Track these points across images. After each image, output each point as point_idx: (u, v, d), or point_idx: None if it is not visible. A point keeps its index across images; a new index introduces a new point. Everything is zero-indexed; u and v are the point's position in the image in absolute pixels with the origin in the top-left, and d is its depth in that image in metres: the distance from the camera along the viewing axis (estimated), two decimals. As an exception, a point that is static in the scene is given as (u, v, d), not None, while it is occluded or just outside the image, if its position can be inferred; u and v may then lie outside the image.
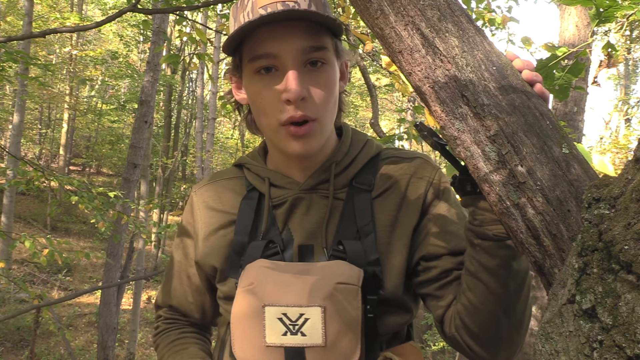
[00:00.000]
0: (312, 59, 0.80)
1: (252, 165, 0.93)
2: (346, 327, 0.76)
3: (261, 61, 0.79)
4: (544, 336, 0.50)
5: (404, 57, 0.64)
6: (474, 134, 0.60)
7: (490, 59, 0.62)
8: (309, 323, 0.75)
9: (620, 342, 0.41)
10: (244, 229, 0.88)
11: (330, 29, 0.82)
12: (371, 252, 0.82)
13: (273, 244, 0.85)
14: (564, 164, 0.58)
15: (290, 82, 0.77)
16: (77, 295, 5.23)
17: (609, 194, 0.48)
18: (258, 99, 0.82)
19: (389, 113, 18.06)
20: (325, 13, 0.79)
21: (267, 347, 0.76)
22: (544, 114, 0.60)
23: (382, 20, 0.64)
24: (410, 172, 0.89)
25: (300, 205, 0.88)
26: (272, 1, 0.77)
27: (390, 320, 0.85)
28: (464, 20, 0.63)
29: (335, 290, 0.76)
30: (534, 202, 0.58)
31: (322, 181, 0.88)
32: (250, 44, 0.80)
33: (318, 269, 0.80)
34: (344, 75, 0.90)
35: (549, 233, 0.57)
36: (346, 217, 0.86)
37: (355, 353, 0.76)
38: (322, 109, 0.81)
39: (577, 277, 0.48)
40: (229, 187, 0.95)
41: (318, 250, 0.85)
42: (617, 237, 0.43)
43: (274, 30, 0.78)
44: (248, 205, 0.90)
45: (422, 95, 0.64)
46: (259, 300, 0.77)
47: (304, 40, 0.78)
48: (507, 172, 0.59)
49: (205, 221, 0.93)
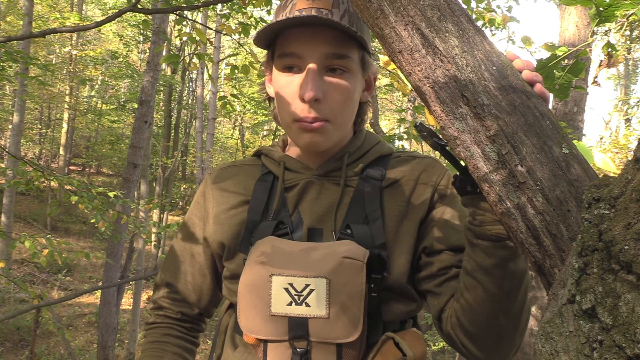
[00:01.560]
0: (332, 65, 0.85)
1: (269, 151, 0.98)
2: (350, 301, 0.78)
3: (287, 59, 0.86)
4: (544, 336, 0.50)
5: (404, 57, 0.64)
6: (474, 134, 0.60)
7: (490, 59, 0.62)
8: (313, 294, 0.78)
9: (620, 342, 0.41)
10: (257, 208, 0.91)
11: (359, 42, 0.87)
12: (378, 237, 0.85)
13: (283, 224, 0.88)
14: (564, 164, 0.58)
15: (306, 83, 0.83)
16: (77, 295, 5.24)
17: (609, 194, 0.48)
18: (280, 93, 0.88)
19: (389, 113, 18.07)
20: (354, 27, 0.84)
21: (271, 316, 0.79)
22: (544, 114, 0.60)
23: (382, 20, 0.64)
24: (420, 168, 0.93)
25: (311, 189, 0.92)
26: (309, 6, 0.84)
27: (395, 307, 0.87)
28: (464, 20, 0.63)
29: (340, 265, 0.78)
30: (534, 202, 0.58)
31: (334, 169, 0.92)
32: (281, 42, 0.87)
33: (325, 245, 0.83)
34: (369, 86, 0.95)
35: (549, 233, 0.57)
36: (356, 203, 0.89)
37: (357, 329, 0.78)
38: (336, 112, 0.86)
39: (577, 277, 0.48)
40: (245, 171, 0.99)
41: (327, 234, 0.88)
42: (617, 237, 0.43)
43: (304, 33, 0.84)
44: (262, 187, 0.94)
45: (422, 95, 0.64)
46: (267, 271, 0.79)
47: (329, 47, 0.84)
48: (507, 172, 0.59)
49: (217, 200, 0.97)
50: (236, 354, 0.90)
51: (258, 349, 0.82)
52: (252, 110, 15.50)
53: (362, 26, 0.87)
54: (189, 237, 1.00)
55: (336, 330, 0.78)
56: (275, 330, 0.79)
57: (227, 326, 0.95)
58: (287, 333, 0.78)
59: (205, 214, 0.98)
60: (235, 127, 20.14)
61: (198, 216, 1.00)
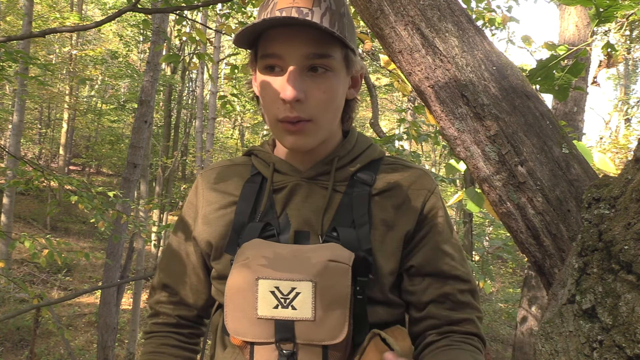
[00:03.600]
0: (314, 64, 0.84)
1: (259, 152, 0.98)
2: (335, 304, 0.79)
3: (268, 59, 0.85)
4: (544, 336, 0.50)
5: (404, 57, 0.64)
6: (474, 133, 0.60)
7: (490, 59, 0.62)
8: (299, 297, 0.78)
9: (620, 342, 0.41)
10: (244, 210, 0.92)
11: (340, 40, 0.86)
12: (364, 242, 0.86)
13: (270, 226, 0.89)
14: (564, 163, 0.58)
15: (287, 84, 0.83)
16: (77, 295, 5.23)
17: (609, 194, 0.48)
18: (263, 93, 0.88)
19: (389, 113, 18.06)
20: (335, 27, 0.84)
21: (258, 319, 0.79)
22: (544, 114, 0.60)
23: (382, 20, 0.64)
24: (410, 180, 0.93)
25: (299, 192, 0.92)
26: (289, 5, 0.83)
27: (380, 310, 0.88)
28: (464, 20, 0.63)
29: (326, 267, 0.79)
30: (534, 202, 0.58)
31: (323, 172, 0.92)
32: (262, 43, 0.86)
33: (311, 248, 0.84)
34: (356, 83, 0.94)
35: (549, 233, 0.57)
36: (343, 208, 0.90)
37: (343, 331, 0.79)
38: (319, 111, 0.86)
39: (577, 277, 0.48)
40: (235, 171, 1.00)
41: (313, 238, 0.89)
42: (617, 237, 0.43)
43: (284, 33, 0.83)
44: (250, 188, 0.94)
45: (422, 95, 0.64)
46: (253, 274, 0.80)
47: (309, 47, 0.83)
48: (507, 172, 0.59)
49: (207, 199, 0.97)
50: (225, 354, 0.91)
51: (245, 351, 0.82)
52: (252, 110, 15.49)
53: (344, 24, 0.86)
54: (183, 237, 1.01)
55: (322, 333, 0.79)
56: (261, 333, 0.80)
57: (217, 326, 0.95)
58: (274, 335, 0.79)
59: (196, 213, 0.99)
60: (235, 127, 20.14)
61: (190, 216, 1.00)
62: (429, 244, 0.89)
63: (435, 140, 3.25)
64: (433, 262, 0.89)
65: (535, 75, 1.10)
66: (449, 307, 0.88)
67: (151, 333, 1.02)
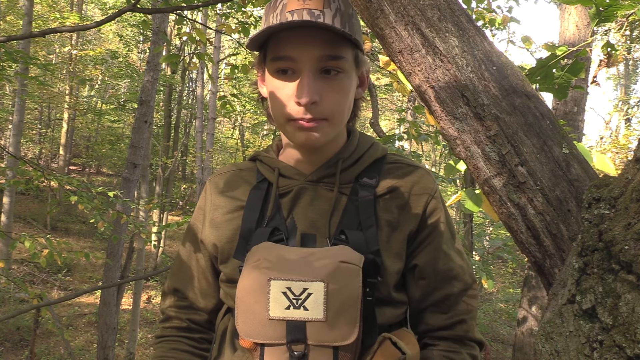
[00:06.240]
0: (327, 67, 0.85)
1: (264, 157, 0.99)
2: (346, 305, 0.79)
3: (280, 62, 0.85)
4: (544, 336, 0.50)
5: (404, 57, 0.64)
6: (474, 134, 0.60)
7: (491, 59, 0.62)
8: (311, 298, 0.79)
9: (620, 342, 0.41)
10: (251, 216, 0.92)
11: (351, 41, 0.86)
12: (372, 244, 0.87)
13: (278, 231, 0.90)
14: (564, 163, 0.58)
15: (303, 88, 0.83)
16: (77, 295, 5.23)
17: (609, 194, 0.48)
18: (274, 95, 0.88)
19: (389, 113, 18.07)
20: (346, 27, 0.84)
21: (269, 320, 0.80)
22: (544, 114, 0.60)
23: (382, 20, 0.64)
24: (413, 180, 0.94)
25: (304, 195, 0.93)
26: (300, 7, 0.83)
27: (387, 311, 0.90)
28: (464, 20, 0.63)
29: (338, 269, 0.80)
30: (534, 202, 0.58)
31: (327, 175, 0.93)
32: (274, 45, 0.86)
33: (322, 250, 0.84)
34: (363, 82, 0.95)
35: (549, 233, 0.57)
36: (349, 210, 0.90)
37: (354, 332, 0.79)
38: (333, 111, 0.86)
39: (577, 277, 0.48)
40: (242, 176, 1.00)
41: (320, 240, 0.89)
42: (617, 237, 0.43)
43: (297, 36, 0.84)
44: (257, 195, 0.95)
45: (422, 95, 0.64)
46: (265, 275, 0.81)
47: (322, 49, 0.83)
48: (507, 172, 0.59)
49: (215, 204, 0.98)
50: (235, 357, 0.91)
51: (255, 353, 0.82)
52: (252, 110, 15.50)
53: (353, 24, 0.87)
54: (192, 242, 1.02)
55: (333, 334, 0.79)
56: (273, 334, 0.80)
57: (224, 329, 0.95)
58: (285, 337, 0.79)
59: (204, 217, 1.00)
60: (235, 127, 20.14)
61: (199, 220, 1.01)
62: (430, 245, 0.91)
63: (435, 140, 3.26)
64: (433, 262, 0.91)
65: (535, 74, 1.10)
66: (443, 311, 0.91)
67: (162, 337, 1.02)
